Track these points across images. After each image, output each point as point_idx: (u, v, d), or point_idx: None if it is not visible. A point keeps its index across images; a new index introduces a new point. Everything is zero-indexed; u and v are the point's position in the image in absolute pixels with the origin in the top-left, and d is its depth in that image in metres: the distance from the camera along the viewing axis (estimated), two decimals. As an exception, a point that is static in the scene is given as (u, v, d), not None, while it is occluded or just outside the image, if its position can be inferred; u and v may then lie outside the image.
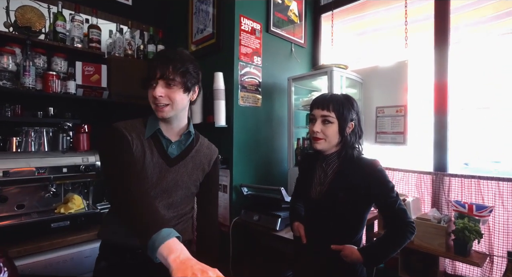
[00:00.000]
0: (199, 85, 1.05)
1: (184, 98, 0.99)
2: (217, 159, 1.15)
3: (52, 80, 1.76)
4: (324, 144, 1.14)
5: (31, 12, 1.72)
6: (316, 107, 1.14)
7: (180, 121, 1.04)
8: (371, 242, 1.15)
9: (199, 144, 1.10)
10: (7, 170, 1.42)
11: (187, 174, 1.04)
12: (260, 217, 1.68)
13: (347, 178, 1.10)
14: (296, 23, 2.27)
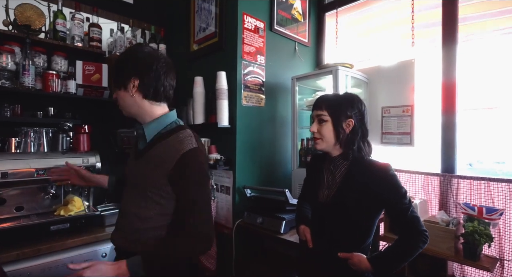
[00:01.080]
0: (136, 77, 0.95)
1: (124, 96, 0.98)
2: (181, 160, 0.90)
3: (52, 79, 1.73)
4: (322, 144, 1.13)
5: (31, 10, 1.69)
6: (313, 107, 1.16)
7: (139, 117, 1.02)
8: (381, 250, 1.10)
9: (166, 141, 0.96)
10: (5, 171, 1.39)
11: (142, 170, 0.97)
12: (264, 220, 1.64)
13: (357, 182, 1.06)
14: (300, 21, 2.24)
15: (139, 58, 0.96)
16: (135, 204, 0.97)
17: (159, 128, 1.00)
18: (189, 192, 0.91)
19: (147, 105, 0.99)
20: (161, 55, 1.01)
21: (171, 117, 1.03)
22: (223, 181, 1.88)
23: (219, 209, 1.90)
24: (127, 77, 0.96)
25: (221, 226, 1.87)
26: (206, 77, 1.93)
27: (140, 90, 0.96)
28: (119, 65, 0.98)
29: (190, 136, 0.96)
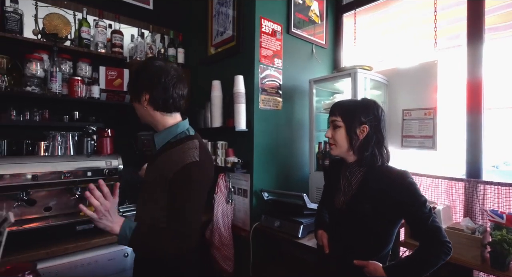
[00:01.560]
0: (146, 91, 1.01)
1: (138, 107, 1.07)
2: (180, 172, 0.95)
3: (77, 85, 1.80)
4: (335, 150, 1.13)
5: (58, 19, 1.77)
6: (329, 113, 1.16)
7: (154, 126, 1.10)
8: (399, 260, 1.07)
9: (172, 150, 1.01)
10: (36, 174, 1.46)
11: (151, 173, 1.07)
12: (282, 223, 1.64)
13: (372, 190, 1.04)
14: (317, 23, 2.22)
15: (149, 73, 1.02)
16: (147, 204, 1.06)
17: (169, 138, 1.06)
18: (180, 201, 0.96)
19: (158, 116, 1.05)
20: (170, 68, 1.05)
21: (182, 126, 1.08)
22: (241, 184, 1.89)
23: (236, 211, 1.92)
24: (140, 92, 1.03)
25: (238, 229, 1.89)
26: (223, 80, 1.95)
27: (150, 103, 1.03)
28: (132, 80, 1.07)
29: (195, 148, 1.01)
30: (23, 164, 1.46)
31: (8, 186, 1.41)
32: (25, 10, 1.72)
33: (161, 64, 1.05)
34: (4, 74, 1.58)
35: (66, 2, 1.94)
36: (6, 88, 1.58)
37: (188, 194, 0.96)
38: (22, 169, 1.44)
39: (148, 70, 1.03)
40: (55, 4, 1.90)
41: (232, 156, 1.85)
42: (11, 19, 1.62)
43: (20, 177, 1.43)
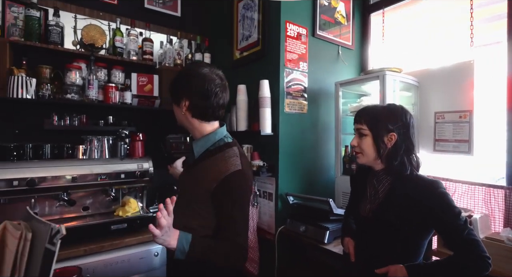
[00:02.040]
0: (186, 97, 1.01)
1: (177, 111, 1.06)
2: (224, 181, 0.95)
3: (111, 91, 1.90)
4: (362, 158, 1.10)
5: (94, 30, 1.88)
6: (354, 120, 1.12)
7: (190, 131, 1.09)
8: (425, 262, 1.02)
9: (213, 158, 1.01)
10: (75, 176, 1.56)
11: (189, 183, 1.05)
12: (307, 228, 1.63)
13: (400, 199, 1.01)
14: (343, 24, 2.18)
15: (192, 80, 1.00)
16: (182, 212, 1.03)
17: (207, 145, 1.05)
18: (229, 211, 0.96)
19: (196, 123, 1.04)
20: (216, 76, 1.03)
21: (220, 134, 1.07)
22: (266, 187, 1.90)
23: (261, 214, 1.93)
24: (180, 96, 1.02)
25: (263, 232, 1.90)
26: (248, 84, 1.97)
27: (189, 110, 1.02)
28: (175, 83, 1.05)
29: (236, 156, 1.00)
30: (65, 166, 1.57)
31: (52, 187, 1.52)
32: (65, 23, 1.84)
33: (206, 71, 1.02)
34: (48, 83, 1.71)
35: (101, 13, 2.06)
36: (49, 96, 1.71)
37: (236, 204, 0.96)
38: (64, 171, 1.55)
39: (191, 77, 1.01)
40: (91, 15, 2.02)
41: (257, 160, 1.87)
42: (54, 31, 1.74)
43: (61, 179, 1.54)
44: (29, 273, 0.55)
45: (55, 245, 0.51)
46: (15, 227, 0.60)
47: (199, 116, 1.03)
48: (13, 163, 1.47)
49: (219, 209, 0.98)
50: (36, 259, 0.54)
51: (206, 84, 1.00)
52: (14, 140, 1.77)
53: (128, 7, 2.19)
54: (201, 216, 1.00)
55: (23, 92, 1.57)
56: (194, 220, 1.00)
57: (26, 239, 0.55)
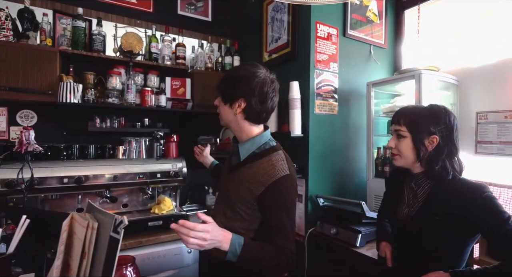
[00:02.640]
0: (244, 99, 0.98)
1: (227, 111, 1.03)
2: (273, 186, 0.93)
3: (148, 95, 2.01)
4: (400, 161, 1.06)
5: (132, 37, 2.00)
6: (392, 121, 1.09)
7: (236, 133, 1.07)
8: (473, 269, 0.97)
9: (259, 162, 0.99)
10: (117, 174, 1.67)
11: (233, 186, 1.03)
12: (339, 231, 1.61)
13: (442, 204, 0.96)
14: (375, 22, 2.12)
15: (253, 83, 0.97)
16: (224, 214, 1.04)
17: (253, 148, 1.03)
18: (278, 216, 0.95)
19: (246, 125, 1.03)
20: (272, 80, 1.03)
21: (265, 137, 1.06)
22: (295, 188, 1.91)
23: (291, 216, 1.94)
24: (236, 97, 0.99)
25: (293, 233, 1.90)
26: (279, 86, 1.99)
27: (244, 112, 1.00)
28: (232, 82, 1.00)
29: (283, 160, 0.99)
30: (107, 166, 1.69)
31: (96, 184, 1.64)
32: (106, 31, 1.97)
33: (264, 74, 1.00)
34: (92, 88, 1.84)
35: (138, 21, 2.19)
36: (93, 100, 1.84)
37: (285, 209, 0.95)
38: (106, 170, 1.67)
39: (253, 79, 0.98)
40: (130, 24, 2.15)
41: (287, 161, 1.87)
42: (97, 40, 1.88)
43: (104, 177, 1.66)
44: (96, 258, 0.61)
45: (119, 234, 0.56)
46: (81, 217, 0.67)
47: (253, 119, 1.01)
48: (63, 162, 1.61)
49: (266, 214, 0.97)
50: (102, 246, 0.60)
51: (266, 87, 0.99)
52: (63, 141, 1.93)
53: (162, 14, 2.30)
54: (245, 219, 1.00)
55: (71, 97, 1.70)
56: (237, 222, 1.00)
57: (93, 228, 0.62)
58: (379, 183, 1.83)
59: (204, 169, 2.44)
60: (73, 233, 0.68)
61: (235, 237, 0.89)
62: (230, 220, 1.02)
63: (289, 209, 0.98)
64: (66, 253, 0.68)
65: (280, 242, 0.94)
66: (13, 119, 1.82)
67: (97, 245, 0.62)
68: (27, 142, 1.10)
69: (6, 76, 1.59)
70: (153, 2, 2.26)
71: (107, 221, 0.61)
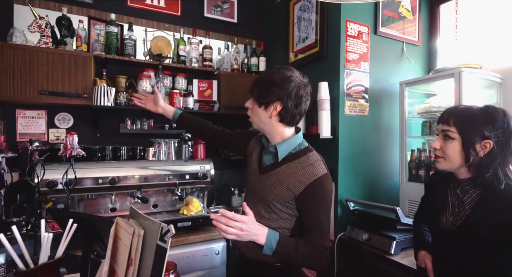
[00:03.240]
0: (280, 102, 1.00)
1: (261, 113, 1.05)
2: (313, 185, 0.97)
3: (176, 97, 2.04)
4: (443, 164, 0.99)
5: (161, 41, 2.04)
6: (439, 120, 1.01)
7: (269, 134, 1.09)
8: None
9: (296, 161, 1.02)
10: (147, 176, 1.71)
11: (269, 186, 1.04)
12: (371, 237, 1.56)
13: (493, 214, 0.89)
14: (408, 18, 2.02)
15: (290, 86, 0.99)
16: (258, 214, 1.04)
17: (290, 149, 1.05)
18: (316, 214, 0.99)
19: (280, 127, 1.05)
20: (306, 84, 1.04)
21: (299, 138, 1.08)
22: (324, 191, 1.86)
23: (319, 219, 1.90)
24: (272, 100, 1.01)
25: (321, 237, 1.86)
26: (306, 87, 1.95)
27: (279, 115, 1.02)
28: (268, 85, 1.02)
29: (319, 160, 1.04)
30: (138, 167, 1.73)
31: (128, 185, 1.69)
32: (137, 36, 2.03)
33: (300, 78, 1.03)
34: (123, 91, 1.90)
35: (167, 25, 2.23)
36: (125, 103, 1.90)
37: (323, 208, 0.99)
38: (138, 172, 1.71)
39: (289, 83, 1.00)
40: (158, 27, 2.20)
41: (315, 163, 1.84)
42: (128, 44, 1.93)
43: (136, 178, 1.70)
44: (142, 265, 0.62)
45: (166, 243, 0.56)
46: (126, 223, 0.68)
47: (287, 121, 1.03)
48: (97, 163, 1.67)
49: (305, 212, 1.00)
50: (149, 254, 0.61)
51: (301, 90, 1.01)
52: (96, 142, 2.01)
53: (190, 17, 2.33)
54: (281, 218, 1.03)
55: (105, 100, 1.76)
56: (273, 222, 1.03)
57: (139, 236, 0.63)
58: (413, 187, 1.75)
59: (230, 170, 2.48)
60: (118, 238, 0.70)
61: (271, 232, 0.95)
62: (265, 219, 1.04)
63: (326, 208, 1.01)
64: (112, 259, 0.69)
65: (315, 239, 0.98)
66: (51, 121, 1.92)
67: (143, 252, 0.63)
68: (71, 146, 1.14)
69: (46, 81, 1.67)
70: (181, 5, 2.29)
71: (153, 228, 0.61)
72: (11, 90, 1.60)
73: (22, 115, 1.84)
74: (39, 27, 1.70)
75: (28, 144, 1.04)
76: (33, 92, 1.65)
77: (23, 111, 1.85)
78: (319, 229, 0.99)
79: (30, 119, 1.86)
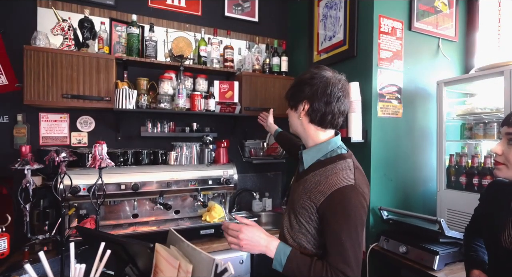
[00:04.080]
0: (307, 101, 0.95)
1: (292, 115, 1.03)
2: (332, 196, 0.85)
3: (197, 99, 1.97)
4: (505, 172, 0.88)
5: (183, 42, 1.98)
6: (504, 123, 0.89)
7: (303, 138, 1.03)
8: None
9: (323, 169, 0.92)
10: (170, 181, 1.65)
11: (297, 195, 0.97)
12: (409, 250, 1.43)
13: None
14: (443, 12, 1.88)
15: (315, 83, 0.94)
16: (290, 224, 0.98)
17: (318, 156, 0.96)
18: (336, 231, 0.84)
19: (312, 129, 0.98)
20: (339, 80, 0.96)
21: (333, 144, 0.97)
22: (354, 199, 1.75)
23: (348, 228, 1.78)
24: (300, 100, 0.97)
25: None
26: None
27: (308, 114, 0.96)
28: (296, 86, 1.00)
29: (349, 169, 0.90)
30: (160, 172, 1.67)
31: (150, 191, 1.63)
32: (157, 37, 1.98)
33: (330, 75, 0.96)
34: (145, 94, 1.85)
35: (187, 25, 2.17)
36: (147, 106, 1.85)
37: (344, 224, 0.83)
38: (160, 177, 1.65)
39: (314, 79, 0.95)
40: (179, 28, 2.15)
41: (345, 169, 1.73)
42: (150, 46, 1.89)
43: (158, 184, 1.65)
44: None
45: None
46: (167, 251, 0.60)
47: (317, 121, 0.96)
48: (119, 168, 1.62)
49: (325, 227, 0.87)
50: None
51: (330, 87, 0.93)
52: (117, 145, 1.98)
53: (210, 16, 2.27)
54: (309, 232, 0.92)
55: (126, 103, 1.72)
56: (303, 235, 0.94)
57: (187, 272, 0.55)
58: (453, 195, 1.61)
59: (252, 174, 2.41)
60: (158, 270, 0.62)
61: (281, 245, 0.89)
62: (295, 231, 0.96)
63: (351, 225, 0.84)
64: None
65: (335, 264, 0.82)
66: (73, 125, 1.90)
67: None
68: (100, 157, 1.09)
69: (68, 84, 1.65)
70: (201, 5, 2.24)
71: (202, 263, 0.53)
72: (35, 93, 1.58)
73: (45, 118, 1.83)
74: (62, 30, 1.68)
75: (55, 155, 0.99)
76: (56, 96, 1.62)
77: (46, 115, 1.83)
78: (340, 251, 0.83)
79: (53, 122, 1.85)
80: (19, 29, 1.75)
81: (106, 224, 1.64)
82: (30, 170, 1.01)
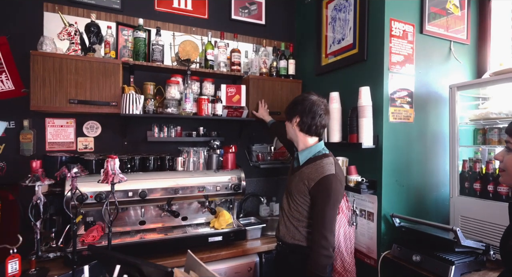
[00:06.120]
0: (299, 115, 1.36)
1: (288, 126, 1.43)
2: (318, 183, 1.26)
3: (204, 103, 1.95)
4: (504, 178, 0.87)
5: (189, 45, 1.96)
6: (506, 131, 0.87)
7: (295, 142, 1.43)
8: None
9: (313, 164, 1.32)
10: (178, 187, 1.63)
11: (294, 183, 1.36)
12: (423, 259, 1.40)
13: None
14: (455, 15, 1.84)
15: (304, 104, 1.35)
16: (288, 204, 1.40)
17: (310, 155, 1.37)
18: (322, 206, 1.25)
19: (302, 136, 1.39)
20: (321, 103, 1.36)
21: (319, 147, 1.39)
22: (365, 205, 1.72)
23: (358, 234, 1.75)
24: (293, 115, 1.38)
25: (362, 255, 1.72)
26: (341, 91, 1.82)
27: (298, 125, 1.37)
28: (291, 105, 1.41)
29: (331, 164, 1.30)
30: (168, 179, 1.65)
31: (158, 198, 1.61)
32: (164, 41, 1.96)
33: (315, 98, 1.36)
34: (152, 98, 1.83)
35: (194, 29, 2.15)
36: (153, 111, 1.83)
37: (327, 200, 1.24)
38: (167, 183, 1.63)
39: (304, 102, 1.35)
40: (186, 31, 2.13)
41: (355, 174, 1.69)
42: (156, 50, 1.86)
43: (165, 190, 1.62)
44: None
45: None
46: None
47: (305, 130, 1.36)
48: (127, 175, 1.59)
49: (314, 203, 1.28)
50: None
51: (315, 107, 1.34)
52: (124, 150, 1.96)
53: (217, 20, 2.25)
54: (302, 207, 1.32)
55: (133, 108, 1.70)
56: (296, 211, 1.34)
57: None
58: (467, 202, 1.58)
59: (259, 178, 2.38)
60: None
61: None
62: (292, 209, 1.36)
63: (331, 202, 1.25)
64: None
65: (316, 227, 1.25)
66: (79, 130, 1.88)
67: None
68: (113, 172, 1.06)
69: (75, 89, 1.63)
70: (208, 8, 2.21)
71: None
72: (41, 99, 1.57)
73: (51, 124, 1.81)
74: (69, 35, 1.66)
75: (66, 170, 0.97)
76: (63, 101, 1.61)
77: (53, 120, 1.82)
78: (323, 220, 1.23)
79: (59, 128, 1.83)
80: (25, 34, 1.74)
81: (113, 231, 1.61)
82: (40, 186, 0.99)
